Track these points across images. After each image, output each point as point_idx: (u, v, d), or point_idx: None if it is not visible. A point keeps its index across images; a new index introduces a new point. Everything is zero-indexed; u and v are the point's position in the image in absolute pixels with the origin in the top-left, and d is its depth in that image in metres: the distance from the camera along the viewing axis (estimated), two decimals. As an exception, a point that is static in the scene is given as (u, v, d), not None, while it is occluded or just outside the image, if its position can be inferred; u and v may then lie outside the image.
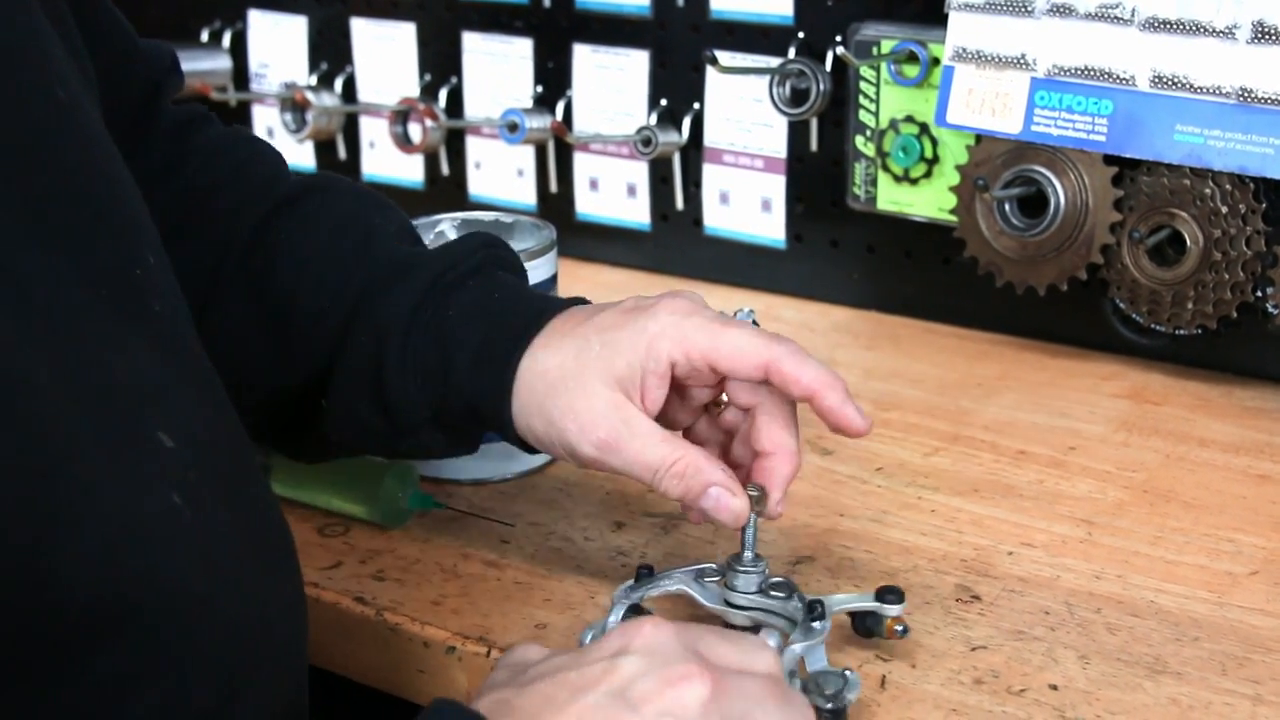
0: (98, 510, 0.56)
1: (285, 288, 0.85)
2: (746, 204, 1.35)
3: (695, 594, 0.81)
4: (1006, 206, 1.17)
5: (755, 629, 0.79)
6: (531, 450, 0.83)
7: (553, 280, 1.02)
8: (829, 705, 0.72)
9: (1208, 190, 1.09)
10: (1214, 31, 1.05)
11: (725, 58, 1.29)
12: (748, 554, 0.80)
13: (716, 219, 1.37)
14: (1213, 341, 1.14)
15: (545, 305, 0.84)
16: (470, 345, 0.81)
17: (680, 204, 1.38)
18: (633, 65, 1.37)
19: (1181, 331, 1.13)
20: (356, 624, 0.86)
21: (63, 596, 0.54)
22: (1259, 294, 1.09)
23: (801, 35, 1.27)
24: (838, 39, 1.24)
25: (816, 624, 0.76)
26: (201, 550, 0.61)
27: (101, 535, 0.56)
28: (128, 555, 0.57)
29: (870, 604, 0.80)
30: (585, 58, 1.40)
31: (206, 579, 0.61)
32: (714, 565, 0.83)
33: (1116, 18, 1.09)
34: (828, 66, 1.25)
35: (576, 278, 1.36)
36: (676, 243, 1.40)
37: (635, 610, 0.81)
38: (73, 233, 0.63)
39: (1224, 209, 1.08)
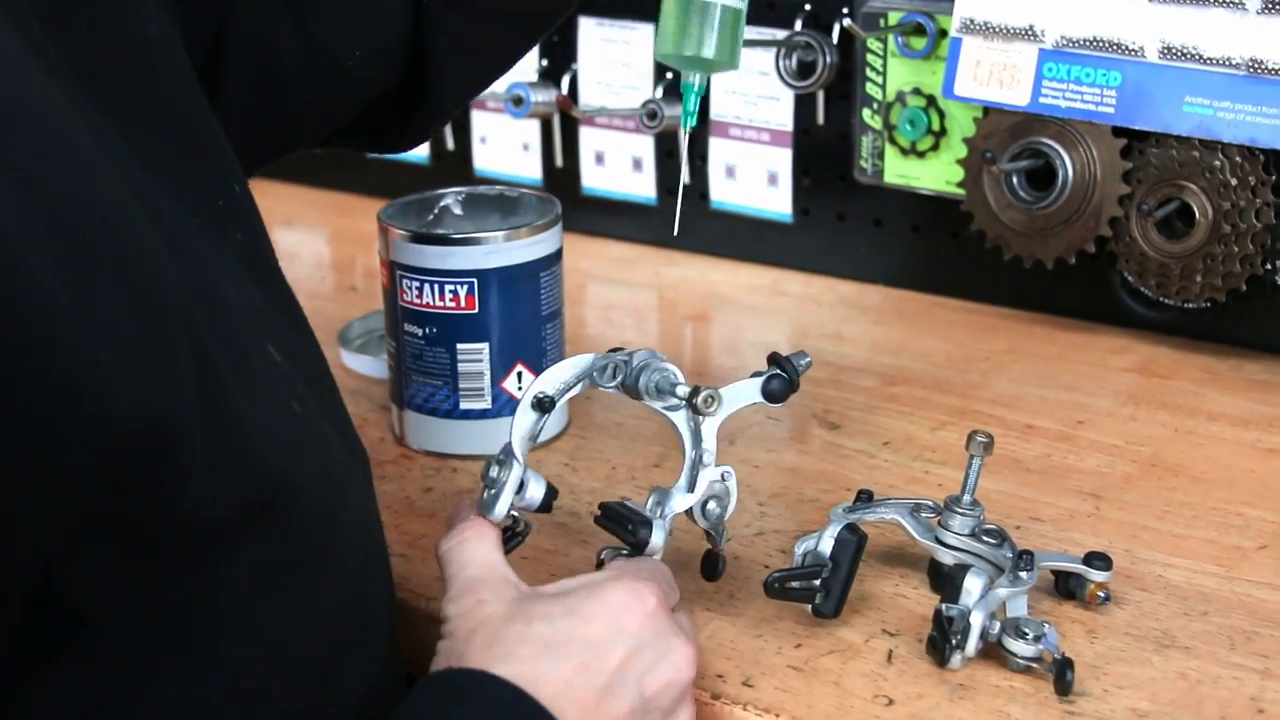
0: (236, 414, 0.59)
1: None
2: (753, 178, 1.34)
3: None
4: (1014, 179, 1.17)
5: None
6: None
7: (558, 255, 1.01)
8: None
9: (1217, 162, 1.08)
10: (1223, 2, 1.05)
11: (731, 30, 1.28)
12: (966, 498, 0.82)
13: (723, 193, 1.36)
14: (1222, 314, 1.13)
15: None
16: None
17: (686, 178, 1.37)
18: (638, 38, 1.36)
19: (1190, 304, 1.13)
20: (362, 599, 0.86)
21: (214, 491, 0.58)
22: (1268, 267, 1.09)
23: (808, 7, 1.26)
24: (844, 11, 1.23)
25: (1024, 574, 0.78)
26: (319, 454, 0.66)
27: (241, 438, 0.59)
28: (265, 455, 0.61)
29: (1077, 566, 0.81)
30: (590, 31, 1.39)
31: (326, 482, 0.65)
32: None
33: (1125, -12, 1.08)
34: (834, 39, 1.24)
35: (582, 253, 1.36)
36: (683, 217, 1.39)
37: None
38: (166, 162, 0.66)
39: (1233, 181, 1.08)
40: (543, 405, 0.78)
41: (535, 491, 0.78)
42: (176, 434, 0.55)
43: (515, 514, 0.78)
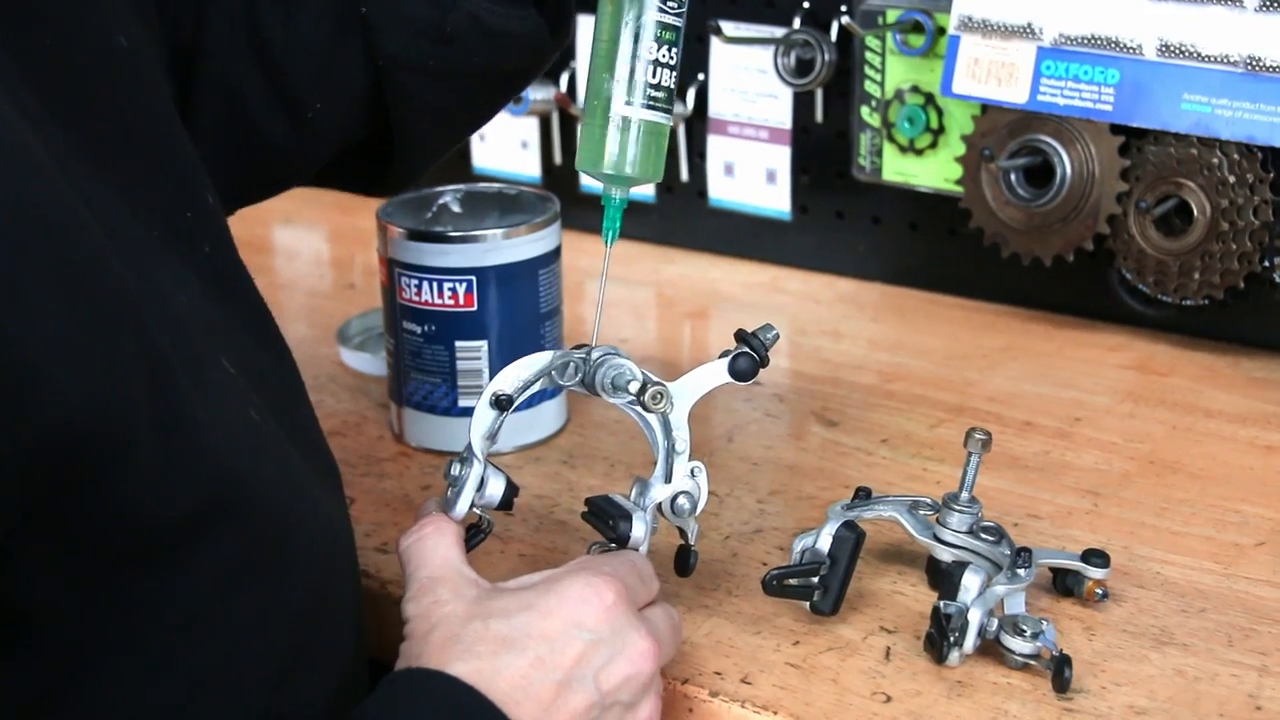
0: (195, 417, 0.59)
1: None
2: (751, 175, 1.34)
3: None
4: (1012, 177, 1.17)
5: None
6: None
7: (556, 253, 1.01)
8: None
9: (1215, 160, 1.08)
10: (1222, -1, 1.05)
11: (730, 28, 1.28)
12: (964, 495, 0.82)
13: (721, 190, 1.36)
14: (1220, 312, 1.13)
15: None
16: None
17: (685, 175, 1.37)
18: (637, 36, 1.36)
19: (1188, 302, 1.13)
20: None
21: (169, 492, 0.58)
22: (1266, 264, 1.09)
23: (806, 5, 1.26)
24: (843, 8, 1.23)
25: (1022, 571, 0.78)
26: (280, 462, 0.66)
27: (198, 440, 0.59)
28: (223, 458, 0.61)
29: (1075, 563, 0.81)
30: (589, 29, 1.39)
31: (286, 489, 0.65)
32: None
33: (1123, -14, 1.08)
34: (833, 36, 1.24)
35: (580, 250, 1.36)
36: (681, 214, 1.39)
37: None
38: (129, 176, 0.66)
39: (1231, 178, 1.08)
40: (501, 404, 0.78)
41: (495, 489, 0.78)
42: (123, 434, 0.55)
43: (478, 511, 0.78)
